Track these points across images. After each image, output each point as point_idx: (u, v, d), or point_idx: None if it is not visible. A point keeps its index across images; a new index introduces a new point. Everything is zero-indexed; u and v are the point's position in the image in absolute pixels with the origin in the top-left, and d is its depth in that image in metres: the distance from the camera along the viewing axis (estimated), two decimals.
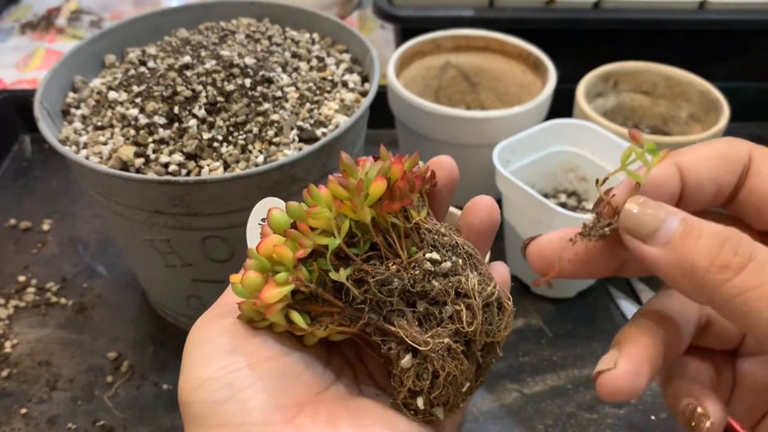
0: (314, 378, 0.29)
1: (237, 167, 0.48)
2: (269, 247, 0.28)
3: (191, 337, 0.29)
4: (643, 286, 0.64)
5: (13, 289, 0.65)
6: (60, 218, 0.72)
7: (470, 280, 0.28)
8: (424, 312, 0.28)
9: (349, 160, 0.29)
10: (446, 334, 0.27)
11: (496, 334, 0.28)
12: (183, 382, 0.27)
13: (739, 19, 0.80)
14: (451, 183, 0.31)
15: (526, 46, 0.73)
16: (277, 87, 0.53)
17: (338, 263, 0.29)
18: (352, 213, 0.28)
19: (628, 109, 0.76)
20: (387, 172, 0.29)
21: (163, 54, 0.55)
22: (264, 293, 0.27)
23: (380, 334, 0.29)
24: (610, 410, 0.55)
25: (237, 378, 0.26)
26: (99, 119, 0.51)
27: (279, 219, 0.29)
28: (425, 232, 0.29)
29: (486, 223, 0.31)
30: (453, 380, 0.27)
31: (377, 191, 0.28)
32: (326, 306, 0.29)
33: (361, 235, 0.29)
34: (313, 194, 0.29)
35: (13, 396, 0.56)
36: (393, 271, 0.28)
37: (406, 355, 0.28)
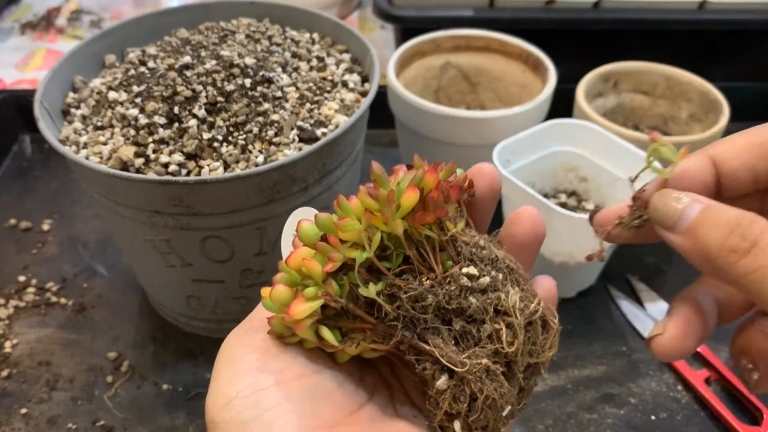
0: (346, 397, 0.28)
1: (237, 167, 0.48)
2: (298, 260, 0.27)
3: (221, 352, 0.28)
4: (643, 286, 0.64)
5: (13, 289, 0.65)
6: (60, 218, 0.72)
7: (511, 297, 0.27)
8: (460, 330, 0.27)
9: (380, 170, 0.28)
10: (484, 355, 0.26)
11: (540, 354, 0.27)
12: (210, 400, 0.26)
13: (739, 19, 0.80)
14: (492, 192, 0.30)
15: (526, 46, 0.73)
16: (277, 87, 0.53)
17: (369, 277, 0.28)
18: (383, 225, 0.27)
19: (628, 109, 0.76)
20: (420, 182, 0.27)
21: (163, 54, 0.55)
22: (293, 308, 0.26)
23: (414, 352, 0.27)
24: (610, 410, 0.55)
25: (264, 397, 0.26)
26: (99, 119, 0.51)
27: (309, 231, 0.28)
28: (462, 245, 0.28)
29: (530, 235, 0.29)
30: (492, 403, 0.26)
31: (409, 202, 0.27)
32: (358, 322, 0.28)
33: (393, 248, 0.28)
34: (342, 206, 0.28)
35: (13, 396, 0.56)
36: (427, 287, 0.27)
37: (442, 376, 0.26)
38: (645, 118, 0.76)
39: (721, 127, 0.65)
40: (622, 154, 0.61)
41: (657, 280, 0.66)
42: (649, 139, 0.28)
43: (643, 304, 0.63)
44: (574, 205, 0.67)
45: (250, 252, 0.51)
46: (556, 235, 0.57)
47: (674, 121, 0.74)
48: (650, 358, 0.59)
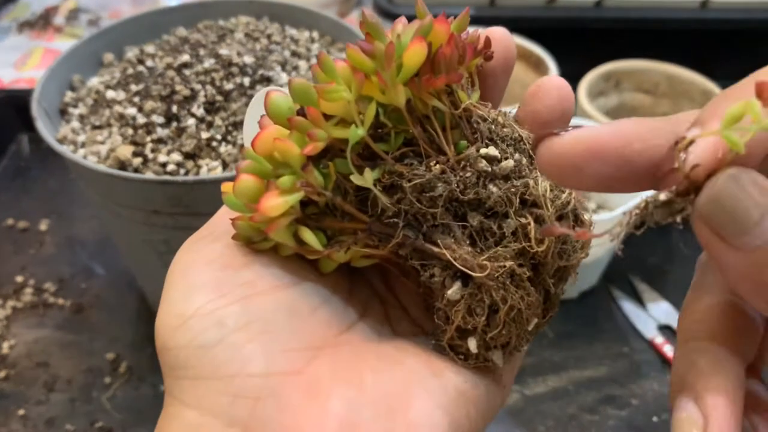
0: (333, 314, 0.22)
1: (236, 167, 0.47)
2: (268, 141, 0.21)
3: (173, 265, 0.23)
4: (645, 287, 0.64)
5: (10, 289, 0.64)
6: (58, 218, 0.72)
7: (540, 185, 0.21)
8: (478, 227, 0.21)
9: (373, 17, 0.21)
10: (508, 256, 0.21)
11: (572, 255, 0.22)
12: (161, 321, 0.21)
13: (741, 18, 0.79)
14: (507, 62, 0.24)
15: (527, 45, 0.72)
16: (276, 86, 0.53)
17: (362, 163, 0.22)
18: (380, 94, 0.21)
19: (630, 108, 0.76)
20: (427, 34, 0.21)
21: (162, 53, 0.55)
22: (264, 203, 0.21)
23: (419, 256, 0.22)
24: (612, 412, 0.54)
25: (230, 314, 0.20)
26: (97, 118, 0.51)
27: (281, 104, 0.21)
28: (478, 121, 0.22)
29: (557, 110, 0.23)
30: (517, 315, 0.21)
31: (415, 59, 0.20)
32: (347, 221, 0.22)
33: (391, 126, 0.22)
34: (326, 66, 0.21)
35: (10, 397, 0.55)
36: (436, 173, 0.21)
37: (455, 284, 0.21)
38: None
39: None
40: None
41: (659, 281, 0.65)
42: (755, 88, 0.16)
43: (645, 305, 0.63)
44: None
45: None
46: None
47: None
48: (652, 358, 0.58)
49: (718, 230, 0.17)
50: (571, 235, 0.22)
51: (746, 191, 0.16)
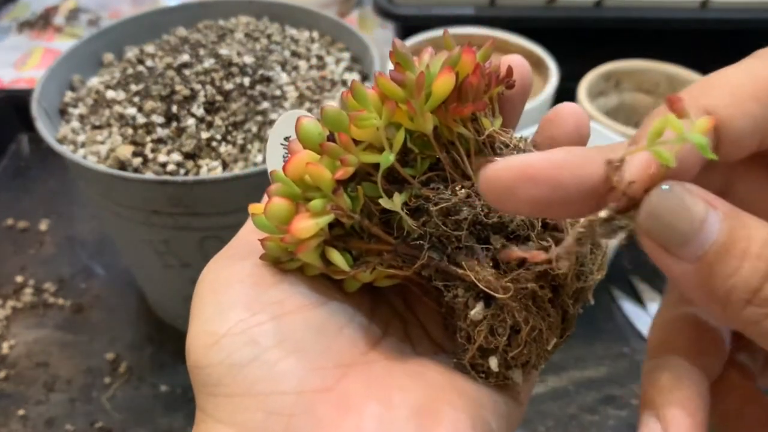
0: (359, 333, 0.23)
1: (236, 167, 0.47)
2: (300, 166, 0.21)
3: (202, 283, 0.23)
4: (645, 287, 0.64)
5: (10, 289, 0.64)
6: (58, 218, 0.72)
7: None
8: (501, 250, 0.22)
9: (404, 48, 0.22)
10: (530, 278, 0.21)
11: (589, 277, 0.23)
12: (193, 340, 0.21)
13: (741, 18, 0.79)
14: (524, 90, 0.25)
15: (527, 44, 0.72)
16: (276, 86, 0.52)
17: (389, 187, 0.22)
18: (408, 121, 0.21)
19: (630, 108, 0.75)
20: (455, 64, 0.22)
21: (162, 53, 0.55)
22: (294, 225, 0.21)
23: (442, 278, 0.23)
24: (612, 412, 0.54)
25: (262, 333, 0.21)
26: (97, 118, 0.51)
27: (312, 130, 0.22)
28: (501, 147, 0.23)
29: (574, 137, 0.23)
30: (538, 335, 0.22)
31: (444, 89, 0.21)
32: (373, 242, 0.23)
33: (418, 152, 0.22)
34: (358, 94, 0.22)
35: (10, 397, 0.55)
36: (461, 197, 0.22)
37: (477, 305, 0.22)
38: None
39: None
40: None
41: (659, 281, 0.65)
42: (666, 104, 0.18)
43: (645, 305, 0.63)
44: None
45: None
46: None
47: None
48: None
49: (662, 243, 0.18)
50: (588, 257, 0.22)
51: (681, 203, 0.17)
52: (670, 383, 0.21)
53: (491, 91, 0.23)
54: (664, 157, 0.17)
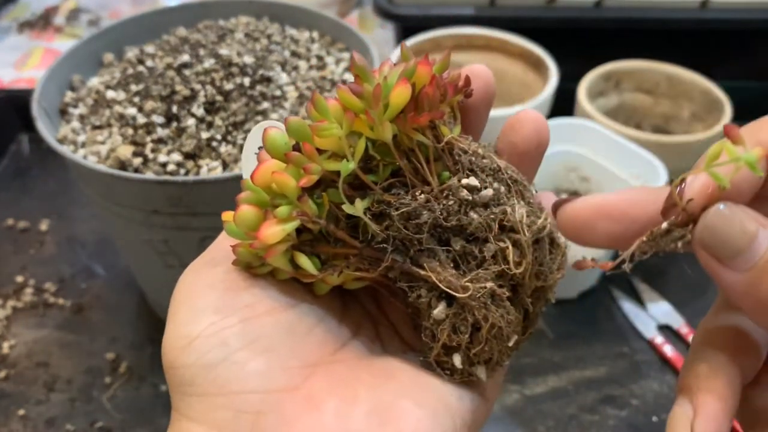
0: (328, 334, 0.24)
1: (236, 167, 0.47)
2: (267, 174, 0.23)
3: (177, 289, 0.24)
4: (645, 287, 0.64)
5: (11, 289, 0.64)
6: (58, 218, 0.72)
7: (517, 211, 0.23)
8: (460, 251, 0.23)
9: (362, 61, 0.23)
10: (489, 277, 0.22)
11: (548, 276, 0.24)
12: (167, 342, 0.22)
13: (741, 18, 0.79)
14: (487, 97, 0.26)
15: (527, 45, 0.72)
16: (276, 86, 0.52)
17: (353, 194, 0.23)
18: (369, 130, 0.22)
19: (630, 108, 0.76)
20: (411, 75, 0.23)
21: (162, 53, 0.55)
22: (263, 231, 0.22)
23: (407, 279, 0.24)
24: (612, 412, 0.54)
25: (232, 335, 0.22)
26: (97, 119, 0.51)
27: (277, 140, 0.23)
28: (459, 153, 0.24)
29: (533, 141, 0.25)
30: (498, 333, 0.23)
31: (400, 99, 0.22)
32: (339, 247, 0.24)
33: (379, 159, 0.24)
34: (319, 106, 0.23)
35: (10, 397, 0.55)
36: (421, 202, 0.23)
37: (440, 304, 0.23)
38: (647, 118, 0.76)
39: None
40: (624, 154, 0.61)
41: (659, 281, 0.65)
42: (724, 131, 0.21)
43: (644, 305, 0.63)
44: None
45: None
46: None
47: (676, 121, 0.74)
48: (652, 359, 0.58)
49: (716, 253, 0.20)
50: (547, 257, 0.24)
51: (736, 219, 0.20)
52: (706, 372, 0.22)
53: (449, 100, 0.24)
54: (720, 178, 0.20)
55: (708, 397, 0.22)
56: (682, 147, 0.63)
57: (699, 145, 0.64)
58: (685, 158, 0.65)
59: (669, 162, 0.59)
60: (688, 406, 0.22)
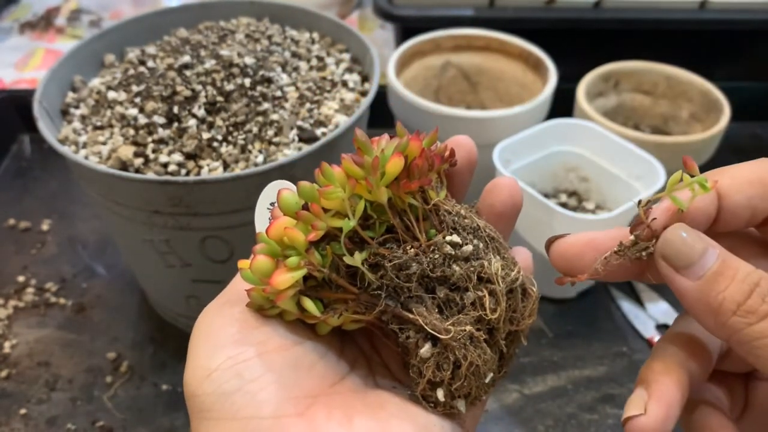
0: (328, 369, 0.28)
1: (236, 167, 0.47)
2: (280, 229, 0.27)
3: (198, 326, 0.28)
4: (643, 287, 0.64)
5: (12, 289, 0.64)
6: (59, 218, 0.72)
7: (493, 265, 0.27)
8: (444, 298, 0.27)
9: (363, 137, 0.27)
10: (468, 322, 0.26)
11: (521, 321, 0.27)
12: (189, 373, 0.26)
13: (739, 18, 0.80)
14: (470, 164, 0.30)
15: (526, 45, 0.73)
16: (276, 87, 0.53)
17: (353, 247, 0.27)
18: (368, 193, 0.27)
19: (629, 108, 0.76)
20: (404, 149, 0.27)
21: (163, 54, 0.55)
22: (274, 278, 0.26)
23: (398, 321, 0.27)
24: (611, 411, 0.55)
25: (246, 368, 0.25)
26: (98, 119, 0.51)
27: (290, 200, 0.27)
28: (444, 214, 0.28)
29: (508, 204, 0.29)
30: (475, 370, 0.26)
31: (394, 169, 0.26)
32: (340, 292, 0.28)
33: (376, 217, 0.28)
34: (326, 173, 0.27)
35: (12, 396, 0.55)
36: (411, 255, 0.27)
37: (426, 344, 0.26)
38: (646, 118, 0.76)
39: (722, 126, 0.65)
40: (622, 154, 0.61)
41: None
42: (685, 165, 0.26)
43: (643, 305, 0.63)
44: (575, 205, 0.66)
45: (249, 252, 0.51)
46: None
47: (675, 121, 0.74)
48: None
49: (672, 263, 0.24)
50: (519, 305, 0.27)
51: (690, 237, 0.24)
52: (661, 369, 0.27)
53: (436, 169, 0.28)
54: (679, 202, 0.25)
55: (661, 386, 0.26)
56: (681, 147, 0.64)
57: (698, 146, 0.64)
58: None
59: (668, 162, 0.59)
60: (643, 392, 0.26)
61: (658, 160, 0.59)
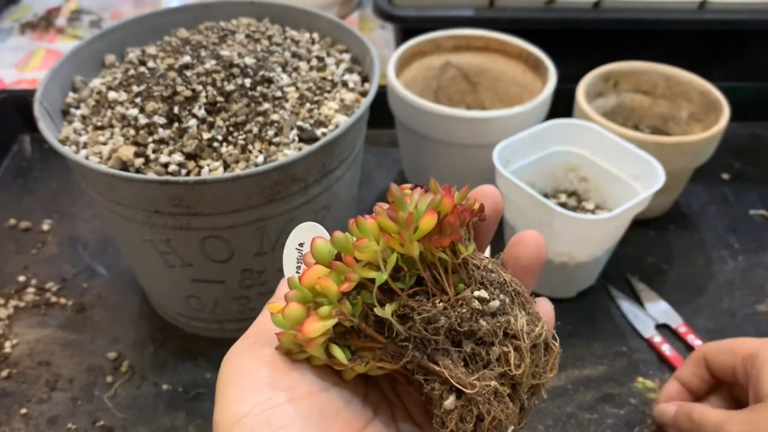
0: (354, 415, 0.28)
1: (237, 167, 0.48)
2: (313, 278, 0.27)
3: (227, 365, 0.28)
4: (643, 286, 0.64)
5: (12, 289, 0.65)
6: (60, 218, 0.72)
7: (519, 321, 0.27)
8: (470, 352, 0.27)
9: (398, 192, 0.28)
10: (493, 377, 0.26)
11: (542, 376, 0.28)
12: (219, 416, 0.26)
13: (739, 19, 0.80)
14: (496, 214, 0.31)
15: (526, 46, 0.73)
16: (277, 87, 0.53)
17: (383, 297, 0.28)
18: (400, 247, 0.27)
19: (629, 109, 0.76)
20: (438, 206, 0.28)
21: (163, 54, 0.55)
22: (306, 326, 0.26)
23: (423, 372, 0.28)
24: (611, 410, 0.55)
25: (276, 415, 0.26)
26: (99, 119, 0.51)
27: (323, 250, 0.28)
28: (473, 269, 0.28)
29: (533, 258, 0.30)
30: (498, 424, 0.27)
31: (428, 226, 0.27)
32: (368, 341, 0.28)
33: (407, 270, 0.28)
34: (361, 226, 0.28)
35: (12, 396, 0.56)
36: (440, 309, 0.27)
37: (450, 396, 0.27)
38: (645, 118, 0.76)
39: (722, 127, 0.65)
40: (622, 154, 0.61)
41: (657, 280, 0.65)
42: None
43: (643, 304, 0.63)
44: (574, 205, 0.66)
45: (250, 252, 0.51)
46: (556, 236, 0.57)
47: (674, 121, 0.74)
48: (650, 357, 0.59)
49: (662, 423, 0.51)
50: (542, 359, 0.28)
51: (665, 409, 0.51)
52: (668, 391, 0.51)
53: (465, 224, 0.29)
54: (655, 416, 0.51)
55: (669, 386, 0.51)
56: (681, 147, 0.64)
57: (697, 146, 0.64)
58: (684, 159, 0.65)
59: (667, 162, 0.59)
60: None
61: (657, 161, 0.59)
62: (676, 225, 0.72)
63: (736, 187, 0.77)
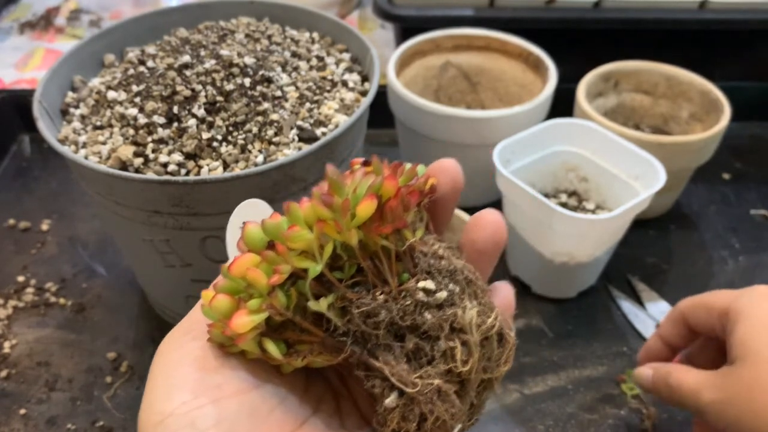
0: (288, 413, 0.26)
1: (236, 167, 0.47)
2: (242, 268, 0.25)
3: (157, 358, 0.26)
4: (643, 286, 0.64)
5: (12, 289, 0.64)
6: (59, 218, 0.72)
7: (467, 313, 0.25)
8: (413, 347, 0.25)
9: (335, 174, 0.25)
10: (437, 374, 0.25)
11: (495, 369, 0.26)
12: (144, 414, 0.25)
13: (740, 18, 0.80)
14: (455, 191, 0.28)
15: (526, 45, 0.73)
16: (276, 86, 0.53)
17: (319, 289, 0.26)
18: (337, 234, 0.25)
19: (629, 108, 0.76)
20: (378, 189, 0.25)
21: (163, 53, 0.55)
22: (234, 321, 0.24)
23: (364, 368, 0.26)
24: (611, 411, 0.55)
25: (200, 416, 0.24)
26: (98, 119, 0.51)
27: (255, 236, 0.26)
28: (420, 256, 0.26)
29: (490, 241, 0.28)
30: (442, 424, 0.25)
31: (365, 213, 0.25)
32: (305, 335, 0.26)
33: (346, 258, 0.26)
34: (292, 213, 0.25)
35: (11, 396, 0.56)
36: (380, 302, 0.25)
37: (391, 394, 0.25)
38: (646, 118, 0.76)
39: (722, 127, 0.65)
40: (622, 154, 0.61)
41: (657, 280, 0.65)
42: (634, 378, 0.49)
43: (643, 304, 0.63)
44: (575, 205, 0.66)
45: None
46: (556, 235, 0.56)
47: (675, 121, 0.74)
48: None
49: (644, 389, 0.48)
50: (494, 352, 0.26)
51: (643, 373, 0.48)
52: None
53: (412, 208, 0.27)
54: None
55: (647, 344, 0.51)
56: (681, 147, 0.64)
57: (698, 146, 0.64)
58: (684, 158, 0.65)
59: (668, 162, 0.59)
60: None
61: (658, 160, 0.59)
62: (676, 225, 0.72)
63: (737, 187, 0.77)
